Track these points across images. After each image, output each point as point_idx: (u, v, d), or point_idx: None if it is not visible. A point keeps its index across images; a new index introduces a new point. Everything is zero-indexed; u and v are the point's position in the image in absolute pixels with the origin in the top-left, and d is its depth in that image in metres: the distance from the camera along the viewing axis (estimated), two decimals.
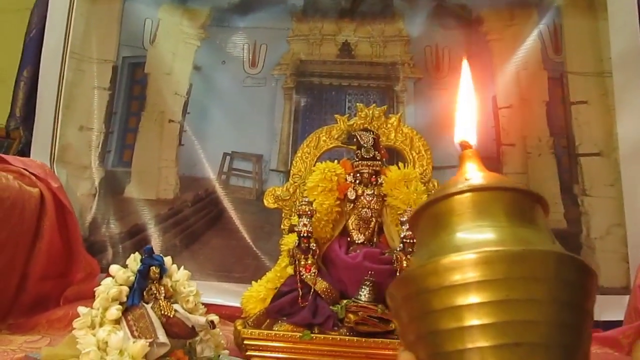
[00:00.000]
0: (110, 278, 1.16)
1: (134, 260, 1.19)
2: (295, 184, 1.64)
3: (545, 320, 0.43)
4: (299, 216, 1.42)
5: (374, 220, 1.52)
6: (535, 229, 0.48)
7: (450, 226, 0.49)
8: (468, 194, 0.49)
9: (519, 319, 0.43)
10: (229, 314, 1.63)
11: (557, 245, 0.48)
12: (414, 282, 0.47)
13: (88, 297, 1.20)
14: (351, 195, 1.52)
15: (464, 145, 0.56)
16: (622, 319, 1.71)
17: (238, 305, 1.54)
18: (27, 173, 1.71)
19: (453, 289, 0.45)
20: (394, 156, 1.68)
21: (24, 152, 1.98)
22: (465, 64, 0.68)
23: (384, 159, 1.57)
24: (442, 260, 0.45)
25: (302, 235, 1.39)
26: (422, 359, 0.46)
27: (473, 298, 0.44)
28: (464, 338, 0.44)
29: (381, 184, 1.53)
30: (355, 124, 1.65)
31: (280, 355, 1.29)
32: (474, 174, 0.52)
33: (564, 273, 0.44)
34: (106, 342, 1.05)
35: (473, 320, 0.44)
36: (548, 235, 0.48)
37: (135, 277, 1.16)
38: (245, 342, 1.29)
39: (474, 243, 0.46)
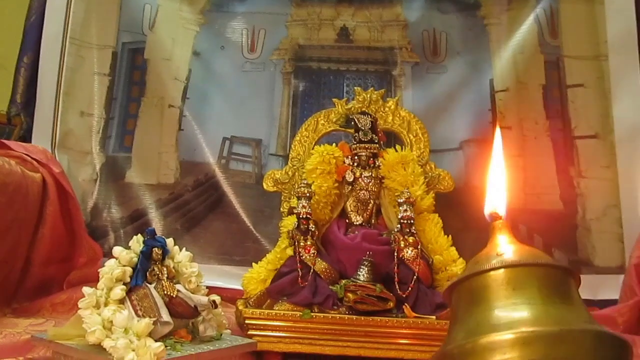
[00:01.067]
0: (114, 259, 1.18)
1: (137, 242, 1.21)
2: (294, 167, 1.66)
3: None
4: (298, 198, 1.44)
5: (372, 202, 1.54)
6: (569, 305, 0.48)
7: (486, 303, 0.48)
8: (502, 271, 0.49)
9: None
10: (230, 297, 1.65)
11: (591, 320, 0.48)
12: None
13: (91, 281, 1.22)
14: (349, 177, 1.54)
15: (495, 217, 0.57)
16: (617, 297, 1.74)
17: (239, 287, 1.56)
18: (29, 159, 1.72)
19: None
20: (392, 139, 1.70)
21: (25, 138, 1.99)
22: (498, 134, 0.68)
23: (381, 142, 1.58)
24: (480, 340, 0.45)
25: (301, 217, 1.42)
26: None
27: None
28: None
29: (379, 166, 1.55)
30: (353, 108, 1.67)
31: (281, 334, 1.32)
32: (506, 247, 0.52)
33: (601, 351, 0.44)
34: (111, 321, 1.07)
35: None
36: (583, 311, 0.49)
37: (139, 259, 1.18)
38: (247, 321, 1.32)
39: (510, 322, 0.46)
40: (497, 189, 0.60)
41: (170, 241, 1.25)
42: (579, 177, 1.92)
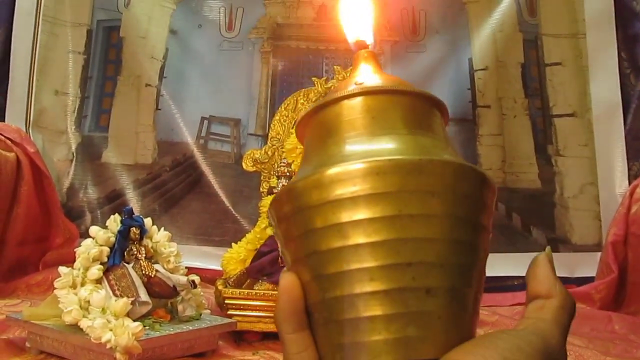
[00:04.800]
0: (90, 239, 1.16)
1: (114, 222, 1.19)
2: (274, 147, 1.65)
3: (440, 237, 0.39)
4: (278, 177, 1.43)
5: None
6: (434, 138, 0.43)
7: (340, 135, 0.42)
8: (360, 98, 0.43)
9: (412, 237, 0.38)
10: (209, 277, 1.65)
11: (456, 155, 0.42)
12: (294, 197, 0.41)
13: (67, 262, 1.20)
14: None
15: (360, 45, 0.48)
16: (594, 275, 1.76)
17: (218, 268, 1.55)
18: (3, 137, 1.69)
19: (338, 203, 0.39)
20: None
21: None
22: None
23: None
24: (327, 171, 0.39)
25: None
26: (306, 280, 0.40)
27: (361, 214, 0.38)
28: (350, 258, 0.38)
29: None
30: (332, 87, 1.65)
31: (261, 313, 1.31)
32: (368, 76, 0.45)
33: (462, 186, 0.40)
34: (88, 301, 1.06)
35: (360, 238, 0.38)
36: (447, 145, 0.43)
37: (116, 238, 1.17)
38: (227, 301, 1.31)
39: (365, 153, 0.40)
40: (361, 12, 0.49)
41: (148, 220, 1.24)
42: (556, 156, 1.94)
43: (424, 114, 0.43)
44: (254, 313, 1.32)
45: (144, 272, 1.15)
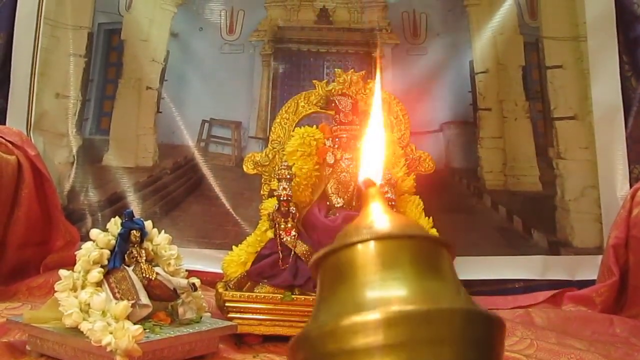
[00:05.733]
0: (91, 242, 1.17)
1: (115, 224, 1.19)
2: (275, 149, 1.65)
3: None
4: (279, 180, 1.43)
5: (352, 184, 1.53)
6: (442, 280, 0.44)
7: (352, 280, 0.44)
8: (371, 243, 0.45)
9: None
10: (209, 280, 1.64)
11: (463, 297, 0.44)
12: (310, 346, 0.43)
13: (68, 265, 1.20)
14: (330, 159, 1.53)
15: (368, 184, 0.51)
16: (595, 278, 1.76)
17: (219, 270, 1.55)
18: (4, 141, 1.70)
19: (353, 354, 0.41)
20: None
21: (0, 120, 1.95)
22: (377, 87, 0.62)
23: (362, 124, 1.57)
24: (341, 322, 0.41)
25: (281, 199, 1.40)
26: None
27: None
28: None
29: (360, 148, 1.54)
30: (333, 90, 1.65)
31: (261, 316, 1.31)
32: (378, 217, 0.47)
33: (471, 331, 0.41)
34: (88, 304, 1.06)
35: None
36: (455, 287, 0.45)
37: (116, 241, 1.17)
38: (227, 304, 1.31)
39: (376, 301, 0.42)
40: (374, 153, 0.54)
41: (148, 223, 1.24)
42: (557, 158, 1.94)
43: (431, 256, 0.45)
44: (254, 316, 1.32)
45: (144, 274, 1.15)
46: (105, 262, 1.15)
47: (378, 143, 0.55)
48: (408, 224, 0.47)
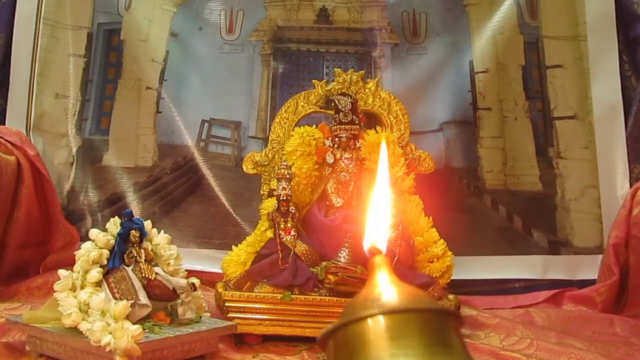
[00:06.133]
0: (90, 241, 1.17)
1: (114, 224, 1.19)
2: (274, 149, 1.65)
3: None
4: (278, 180, 1.43)
5: (352, 183, 1.54)
6: (451, 353, 0.45)
7: (362, 355, 0.45)
8: (379, 318, 0.45)
9: None
10: (209, 280, 1.64)
11: None
12: None
13: (68, 265, 1.20)
14: (330, 159, 1.53)
15: (374, 252, 0.51)
16: (595, 277, 1.75)
17: (218, 271, 1.55)
18: (3, 141, 1.69)
19: None
20: (372, 120, 1.69)
21: None
22: (383, 151, 0.62)
23: (362, 123, 1.57)
24: None
25: (281, 198, 1.40)
26: None
27: None
28: None
29: (359, 147, 1.54)
30: (333, 89, 1.65)
31: (261, 316, 1.31)
32: (385, 289, 0.48)
33: None
34: (88, 304, 1.06)
35: None
36: (464, 358, 0.46)
37: (116, 241, 1.17)
38: (227, 304, 1.31)
39: None
40: (379, 218, 0.54)
41: (148, 223, 1.24)
42: (557, 158, 1.94)
43: (440, 327, 0.46)
44: (254, 316, 1.32)
45: (143, 274, 1.15)
46: (105, 262, 1.15)
47: (384, 208, 0.55)
48: (415, 296, 0.47)
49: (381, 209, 0.55)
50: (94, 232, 1.17)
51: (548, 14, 1.99)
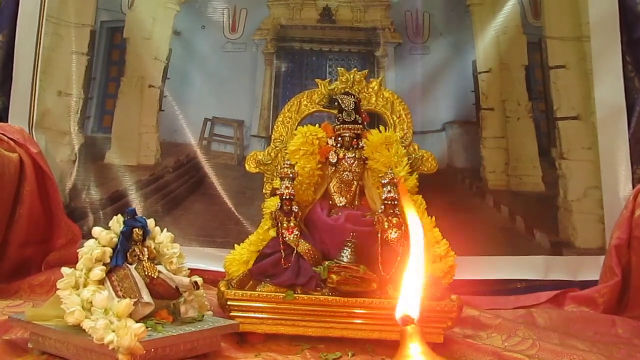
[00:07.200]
0: (93, 239, 1.17)
1: (117, 222, 1.19)
2: (277, 148, 1.65)
3: None
4: (281, 179, 1.43)
5: (355, 183, 1.53)
6: None
7: None
8: None
9: None
10: (212, 278, 1.64)
11: None
12: None
13: (70, 263, 1.20)
14: (332, 158, 1.53)
15: (406, 321, 0.52)
16: (597, 278, 1.75)
17: (221, 269, 1.55)
18: (6, 138, 1.69)
19: None
20: (375, 120, 1.69)
21: (2, 117, 1.95)
22: (414, 222, 0.62)
23: (365, 123, 1.57)
24: None
25: (284, 197, 1.40)
26: None
27: None
28: None
29: (362, 147, 1.54)
30: (336, 88, 1.65)
31: (263, 315, 1.31)
32: None
33: None
34: (90, 302, 1.06)
35: None
36: None
37: (119, 239, 1.17)
38: (229, 302, 1.31)
39: None
40: (413, 288, 0.54)
41: (151, 222, 1.24)
42: (560, 159, 1.94)
43: None
44: (256, 315, 1.32)
45: (146, 273, 1.15)
46: (108, 260, 1.15)
47: (419, 279, 0.56)
48: None
49: (415, 280, 0.56)
50: (97, 230, 1.17)
51: (551, 14, 1.99)
